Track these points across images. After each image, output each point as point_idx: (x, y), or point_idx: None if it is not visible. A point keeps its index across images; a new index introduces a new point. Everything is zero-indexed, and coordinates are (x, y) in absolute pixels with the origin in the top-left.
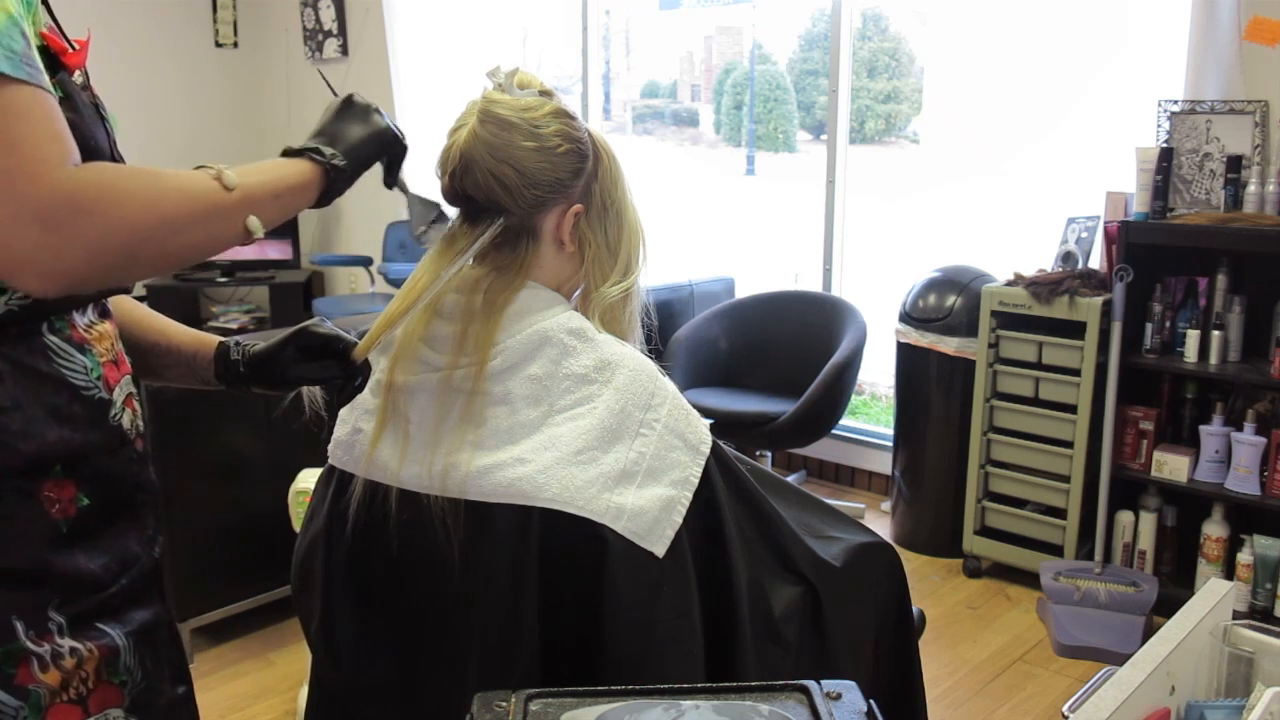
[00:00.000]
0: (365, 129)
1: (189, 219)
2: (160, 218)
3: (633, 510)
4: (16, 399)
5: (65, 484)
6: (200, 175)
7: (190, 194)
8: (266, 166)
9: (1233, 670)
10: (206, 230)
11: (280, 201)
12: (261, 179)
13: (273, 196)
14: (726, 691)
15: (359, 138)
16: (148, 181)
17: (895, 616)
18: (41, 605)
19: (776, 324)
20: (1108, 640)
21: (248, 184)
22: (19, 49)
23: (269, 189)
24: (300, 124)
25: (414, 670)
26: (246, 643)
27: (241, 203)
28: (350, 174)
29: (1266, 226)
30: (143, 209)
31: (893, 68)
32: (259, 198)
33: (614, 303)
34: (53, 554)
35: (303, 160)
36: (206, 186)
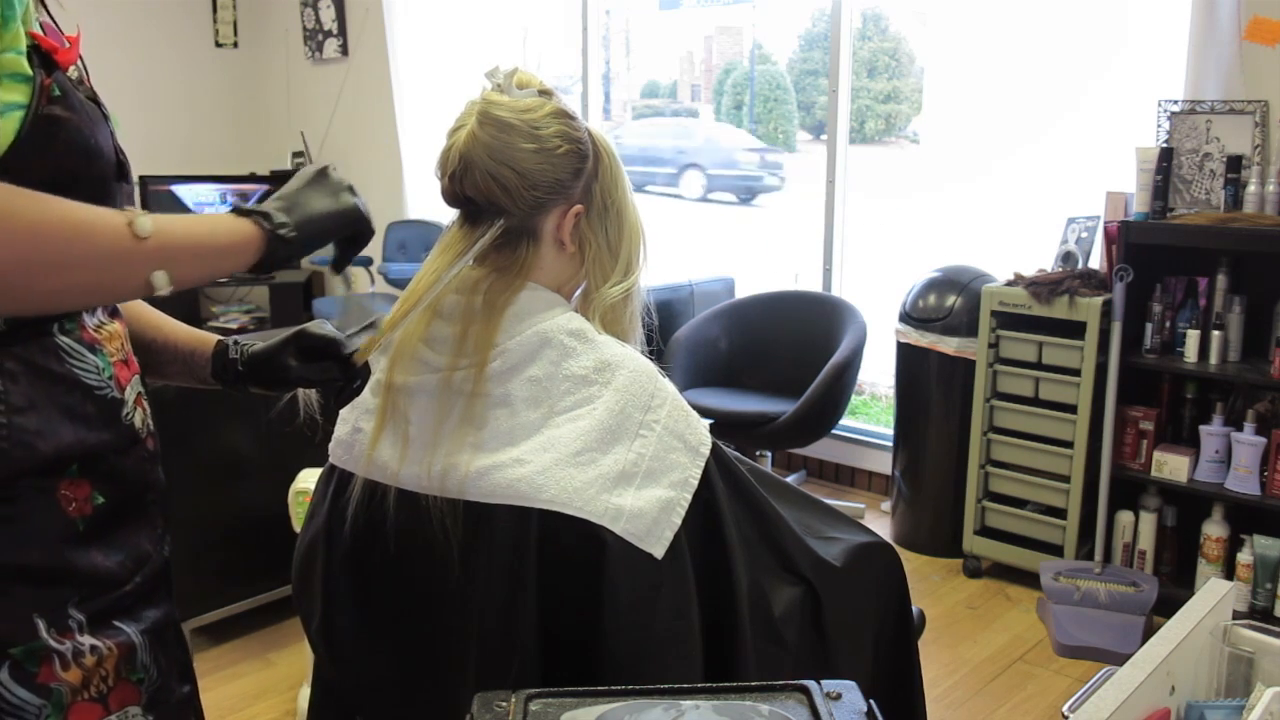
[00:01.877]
0: (330, 203)
1: (76, 258)
2: (35, 249)
3: (631, 512)
4: (31, 399)
5: (81, 483)
6: (110, 215)
7: (86, 232)
8: (199, 220)
9: (1233, 670)
10: (97, 274)
11: (203, 261)
12: (186, 232)
13: (193, 254)
14: (726, 691)
15: (319, 211)
16: (34, 208)
17: (895, 616)
18: (62, 603)
19: (776, 324)
20: (1108, 640)
21: (166, 235)
22: None
23: (191, 244)
24: (300, 124)
25: (414, 670)
26: (246, 643)
27: (153, 253)
28: (299, 246)
29: (1266, 226)
30: (14, 235)
31: (893, 68)
32: (176, 251)
33: (614, 303)
34: (71, 551)
35: (244, 221)
36: (110, 227)
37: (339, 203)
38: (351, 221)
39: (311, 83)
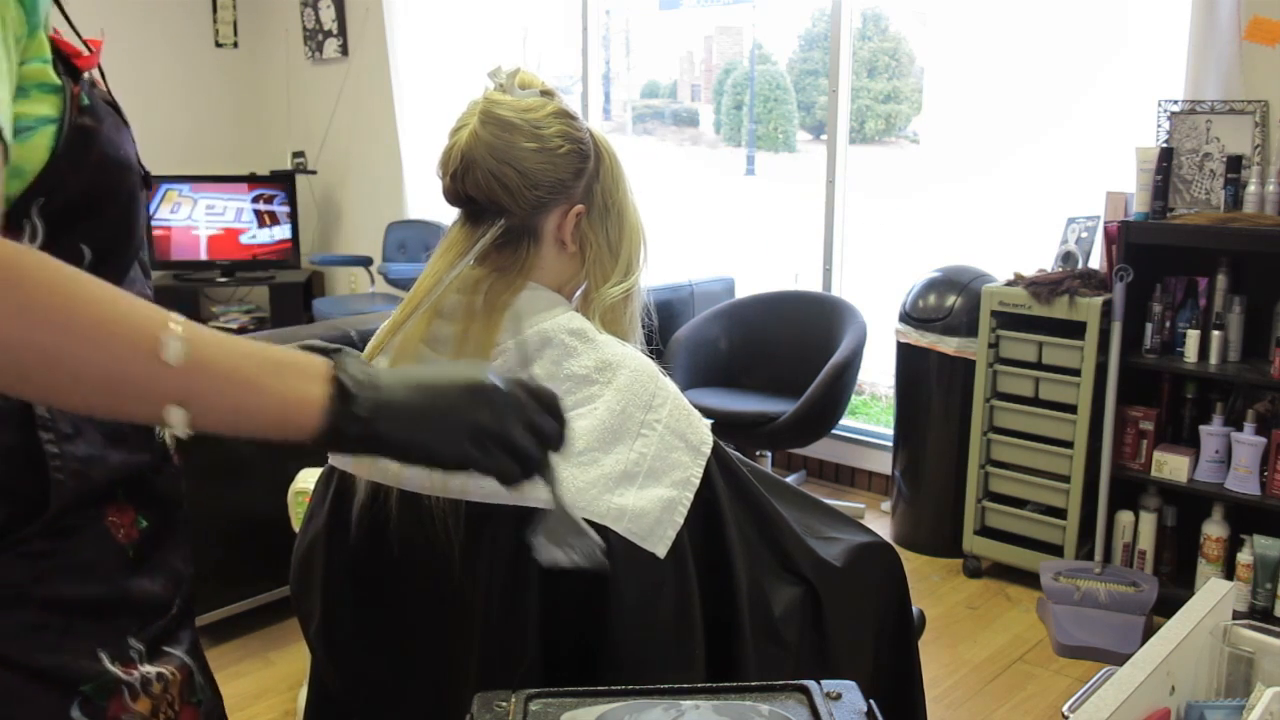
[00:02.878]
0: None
1: (90, 374)
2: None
3: (634, 511)
4: (77, 425)
5: (126, 508)
6: (145, 320)
7: (104, 341)
8: (258, 362)
9: (1233, 670)
10: (110, 396)
11: (235, 412)
12: (230, 373)
13: (226, 401)
14: (726, 691)
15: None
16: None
17: (895, 616)
18: (121, 634)
19: (776, 324)
20: (1108, 640)
21: (196, 368)
22: None
23: (227, 390)
24: (300, 124)
25: (414, 671)
26: (246, 643)
27: (176, 389)
28: (377, 438)
29: (1266, 226)
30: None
31: (893, 68)
32: (207, 395)
33: (615, 303)
34: (125, 580)
35: (318, 390)
36: (136, 342)
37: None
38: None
39: (311, 83)
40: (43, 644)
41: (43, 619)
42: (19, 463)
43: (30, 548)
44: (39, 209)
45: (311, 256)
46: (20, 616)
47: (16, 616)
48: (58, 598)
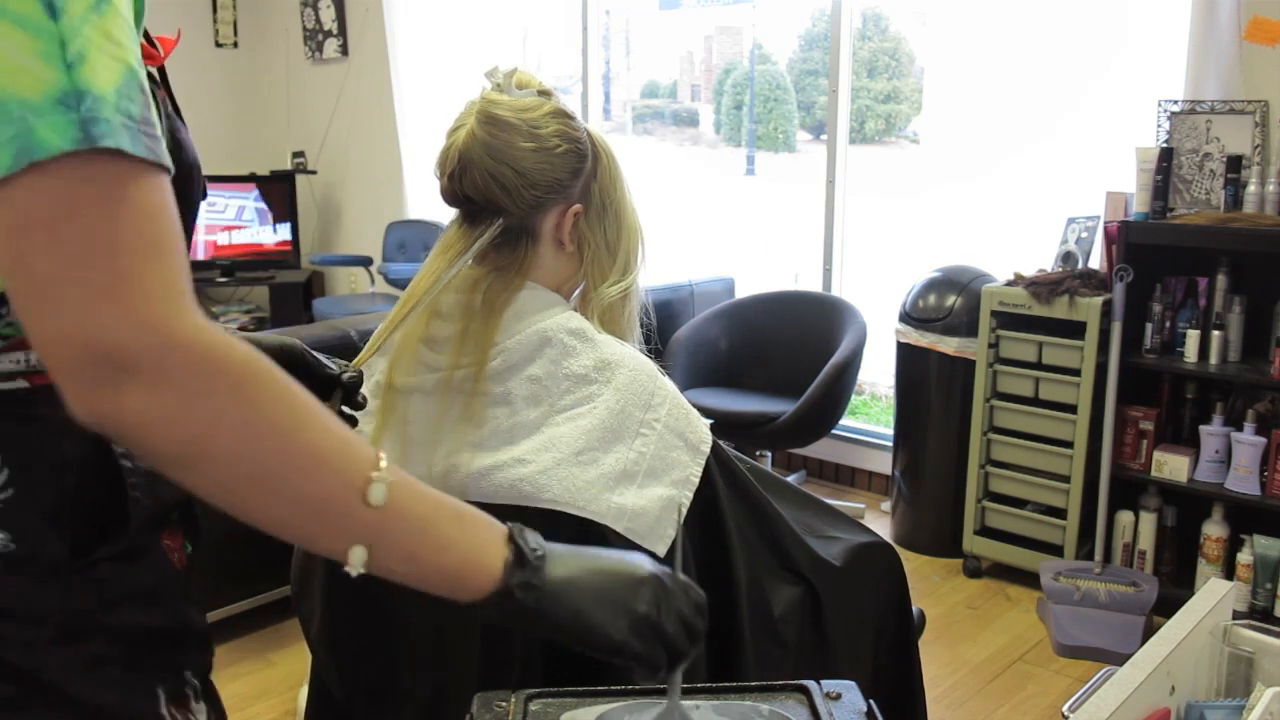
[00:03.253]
0: (603, 628)
1: (284, 494)
2: (247, 462)
3: (634, 510)
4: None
5: (177, 532)
6: (356, 455)
7: (313, 468)
8: (444, 509)
9: (1233, 670)
10: (296, 519)
11: (413, 562)
12: (420, 520)
13: (407, 552)
14: (726, 691)
15: (582, 622)
16: (271, 406)
17: (895, 616)
18: (179, 668)
19: (776, 324)
20: (1108, 640)
21: (397, 511)
22: (137, 112)
23: (417, 543)
24: (300, 124)
25: (414, 671)
26: (246, 643)
27: (370, 528)
28: (544, 611)
29: (1266, 226)
30: (232, 433)
31: (893, 68)
32: (396, 542)
33: (613, 302)
34: (185, 607)
35: (498, 555)
36: (348, 478)
37: (616, 632)
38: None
39: (311, 83)
40: (106, 679)
41: (108, 651)
42: (91, 477)
43: (98, 572)
44: None
45: (311, 256)
46: (86, 648)
47: (83, 648)
48: (126, 627)
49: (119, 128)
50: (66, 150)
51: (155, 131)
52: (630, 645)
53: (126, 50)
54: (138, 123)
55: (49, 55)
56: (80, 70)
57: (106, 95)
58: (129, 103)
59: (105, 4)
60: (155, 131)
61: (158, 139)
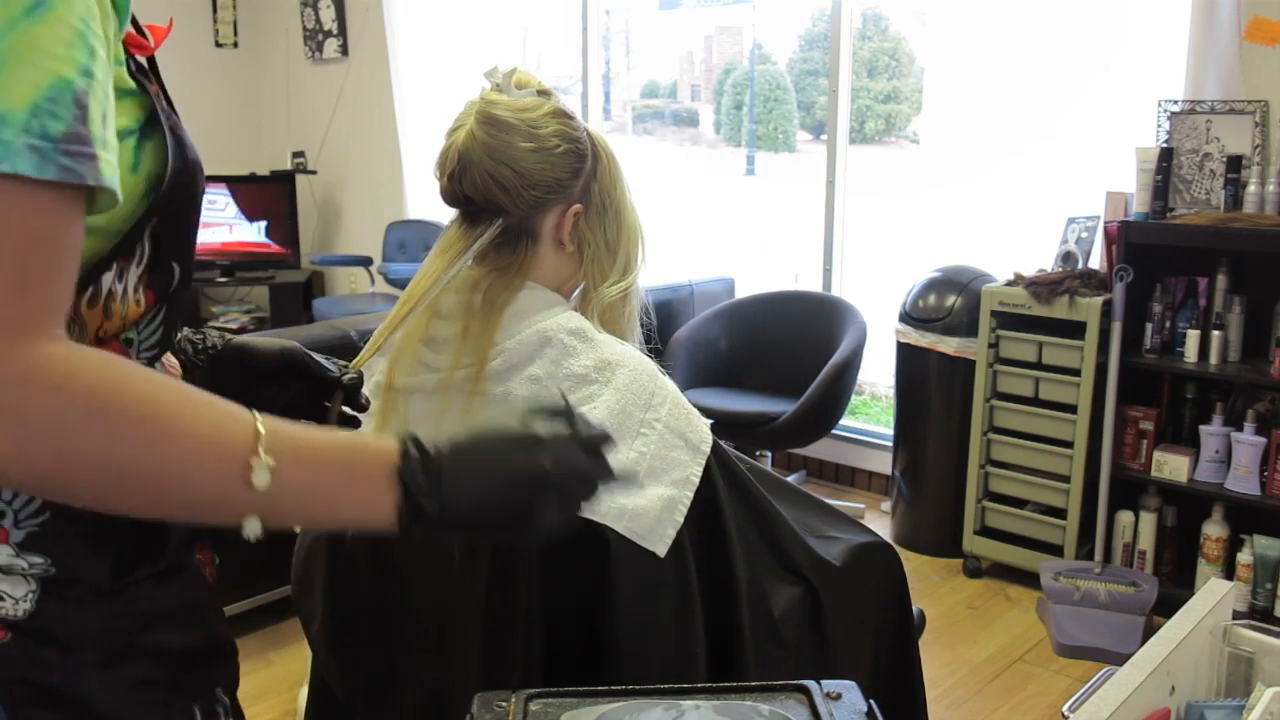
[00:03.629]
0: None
1: (173, 494)
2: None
3: (634, 510)
4: None
5: (206, 546)
6: (232, 441)
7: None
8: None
9: (1233, 670)
10: (190, 513)
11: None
12: (306, 492)
13: (305, 517)
14: (726, 691)
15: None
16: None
17: (895, 616)
18: (211, 685)
19: (776, 324)
20: (1108, 640)
21: (280, 490)
22: (56, 130)
23: (306, 509)
24: (300, 124)
25: (414, 670)
26: (246, 643)
27: (257, 506)
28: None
29: (1266, 226)
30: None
31: (893, 68)
32: (285, 511)
33: (613, 302)
34: (217, 621)
35: (388, 504)
36: (227, 469)
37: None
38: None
39: (311, 83)
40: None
41: (151, 673)
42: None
43: (138, 592)
44: (150, 231)
45: (311, 256)
46: (129, 671)
47: (126, 671)
48: (165, 646)
49: (22, 150)
50: None
51: (86, 148)
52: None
53: (61, 60)
54: (55, 141)
55: None
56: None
57: (14, 114)
58: (49, 120)
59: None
60: (86, 148)
61: (85, 155)
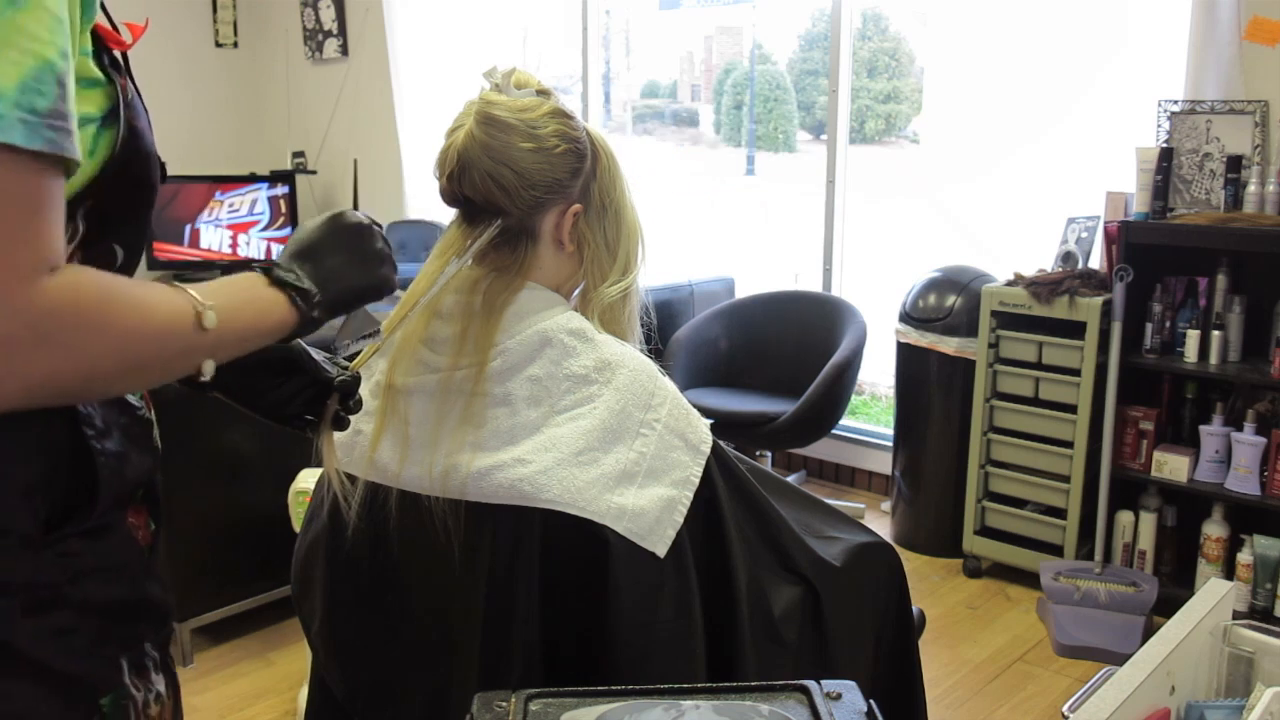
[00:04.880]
0: (363, 279)
1: (152, 363)
2: (124, 363)
3: (634, 511)
4: (106, 422)
5: (141, 510)
6: (180, 308)
7: (165, 334)
8: (243, 303)
9: (1233, 670)
10: (163, 373)
11: (244, 345)
12: (237, 321)
13: (240, 341)
14: (726, 691)
15: (352, 287)
16: (125, 313)
17: (895, 616)
18: (140, 640)
19: (776, 324)
20: (1108, 640)
21: (223, 327)
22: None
23: (240, 334)
24: (300, 124)
25: (415, 670)
26: (246, 643)
27: (210, 346)
28: (320, 323)
29: (1266, 226)
30: (109, 352)
31: (893, 68)
32: (229, 342)
33: (613, 302)
34: (145, 583)
35: (282, 302)
36: (183, 325)
37: (373, 278)
38: (379, 295)
39: (311, 83)
40: (74, 648)
41: (76, 622)
42: (62, 457)
43: (67, 547)
44: (84, 212)
45: None
46: (55, 619)
47: (51, 619)
48: (91, 600)
49: (14, 124)
50: None
51: (65, 124)
52: (389, 279)
53: (45, 44)
54: (41, 116)
55: None
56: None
57: (6, 91)
58: (35, 97)
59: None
60: (65, 124)
61: (65, 130)
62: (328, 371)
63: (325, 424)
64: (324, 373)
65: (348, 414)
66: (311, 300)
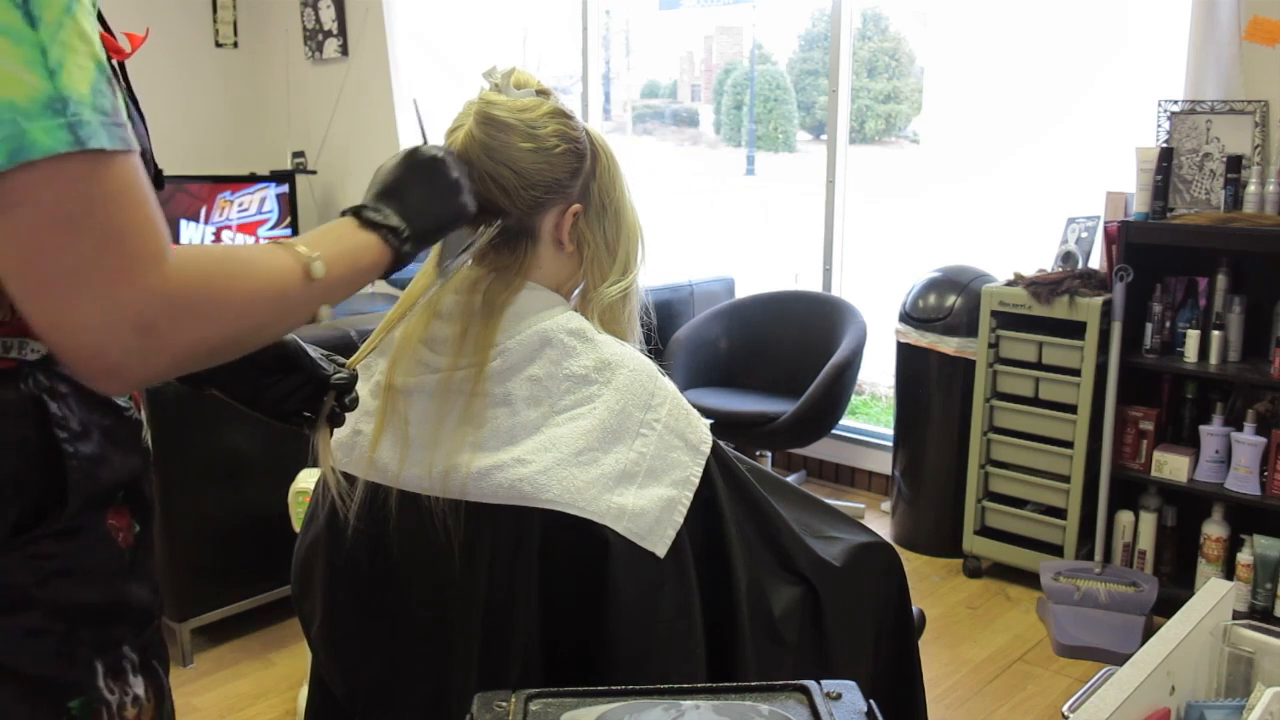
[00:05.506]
0: (446, 208)
1: (275, 319)
2: (253, 323)
3: (634, 511)
4: (84, 424)
5: (123, 511)
6: (288, 265)
7: (281, 293)
8: (343, 248)
9: (1233, 670)
10: (285, 324)
11: (351, 287)
12: (341, 267)
13: (346, 284)
14: (726, 691)
15: (438, 217)
16: (243, 281)
17: (895, 616)
18: (117, 642)
19: (776, 324)
20: (1108, 640)
21: (329, 274)
22: (108, 106)
23: (345, 277)
24: (300, 124)
25: (415, 671)
26: (246, 643)
27: (321, 293)
28: (413, 256)
29: (1266, 226)
30: (239, 315)
31: (893, 68)
32: (336, 287)
33: (613, 302)
34: (123, 585)
35: (375, 240)
36: (295, 280)
37: (454, 206)
38: (461, 222)
39: (311, 83)
40: (44, 651)
41: (45, 624)
42: (33, 459)
43: (38, 549)
44: None
45: None
46: (23, 621)
47: (19, 621)
48: (62, 602)
49: (99, 128)
50: (60, 152)
51: (121, 118)
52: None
53: (95, 44)
54: (110, 116)
55: (32, 63)
56: (61, 77)
57: (85, 98)
58: (102, 98)
59: (76, 4)
60: (121, 118)
61: (124, 124)
62: (324, 369)
63: (321, 421)
64: (320, 370)
65: (344, 411)
66: (402, 236)
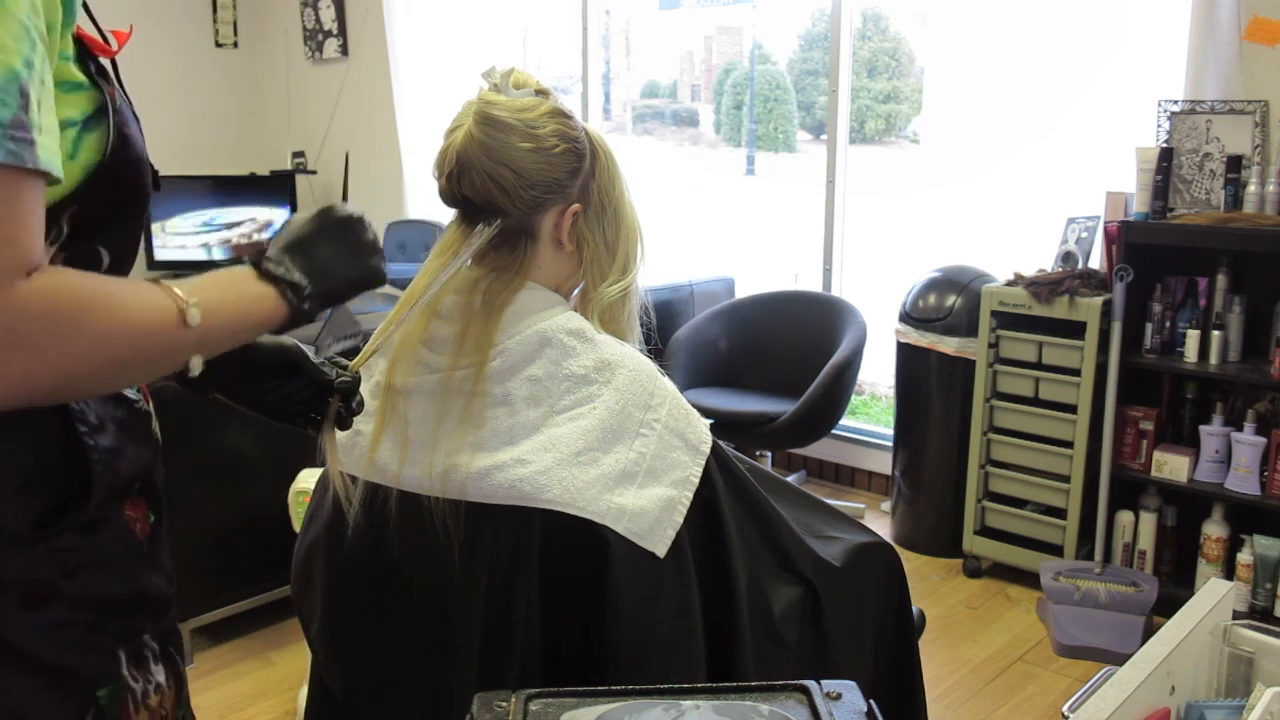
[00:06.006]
0: (354, 270)
1: (134, 361)
2: (105, 361)
3: (633, 511)
4: (100, 416)
5: (139, 502)
6: (162, 306)
7: (146, 333)
8: (231, 298)
9: (1233, 670)
10: (147, 371)
11: (234, 340)
12: (224, 316)
13: (230, 336)
14: (726, 691)
15: (344, 278)
16: (104, 314)
17: (895, 616)
18: (138, 632)
19: (776, 324)
20: (1108, 640)
21: (208, 323)
22: (6, 116)
23: (228, 328)
24: (300, 124)
25: (415, 671)
26: (246, 643)
27: (196, 341)
28: (312, 315)
29: (1266, 226)
30: (89, 352)
31: (893, 68)
32: (216, 336)
33: (613, 302)
34: (143, 576)
35: (271, 295)
36: (165, 323)
37: (363, 268)
38: (369, 286)
39: (311, 83)
40: (69, 642)
41: (70, 616)
42: (54, 454)
43: (61, 542)
44: (69, 216)
45: None
46: (49, 614)
47: (46, 614)
48: (86, 594)
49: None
50: None
51: (27, 134)
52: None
53: (11, 53)
54: (4, 127)
55: None
56: None
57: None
58: (1, 108)
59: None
60: (27, 134)
61: (26, 141)
62: (326, 373)
63: (328, 424)
64: (322, 374)
65: (350, 414)
66: (302, 293)
